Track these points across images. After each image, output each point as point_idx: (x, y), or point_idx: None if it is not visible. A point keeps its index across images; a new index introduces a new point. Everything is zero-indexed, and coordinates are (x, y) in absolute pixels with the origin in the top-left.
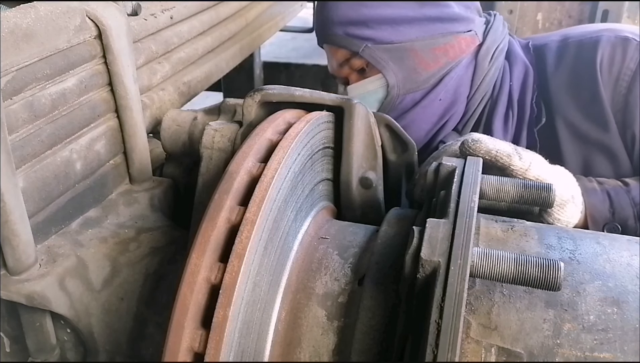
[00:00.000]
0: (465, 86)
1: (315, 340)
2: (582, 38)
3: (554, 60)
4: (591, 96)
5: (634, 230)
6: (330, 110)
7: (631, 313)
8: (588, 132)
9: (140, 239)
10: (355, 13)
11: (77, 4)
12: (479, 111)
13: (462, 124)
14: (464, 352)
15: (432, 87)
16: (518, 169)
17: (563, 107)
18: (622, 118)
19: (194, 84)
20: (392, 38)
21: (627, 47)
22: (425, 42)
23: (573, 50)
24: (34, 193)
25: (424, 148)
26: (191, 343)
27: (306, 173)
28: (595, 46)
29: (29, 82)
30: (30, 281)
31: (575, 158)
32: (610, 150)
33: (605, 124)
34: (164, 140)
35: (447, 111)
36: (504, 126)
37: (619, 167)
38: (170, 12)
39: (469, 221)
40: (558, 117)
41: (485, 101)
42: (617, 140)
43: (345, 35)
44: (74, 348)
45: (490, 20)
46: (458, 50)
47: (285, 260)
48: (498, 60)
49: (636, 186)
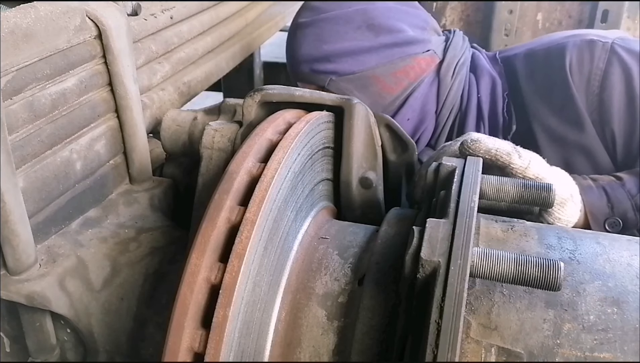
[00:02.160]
0: (432, 103)
1: (315, 340)
2: (549, 46)
3: (524, 69)
4: (564, 99)
5: (634, 222)
6: (330, 110)
7: (631, 313)
8: (565, 134)
9: (140, 239)
10: (317, 50)
11: (77, 4)
12: (449, 124)
13: (434, 139)
14: (464, 352)
15: (398, 109)
16: (518, 167)
17: (538, 113)
18: (599, 117)
19: (194, 84)
20: (353, 69)
21: (593, 49)
22: (385, 68)
23: (542, 58)
24: (34, 193)
25: None
26: (191, 343)
27: (306, 173)
28: (562, 52)
29: (29, 82)
30: (30, 281)
31: (556, 160)
32: (588, 150)
33: (581, 125)
34: (164, 140)
35: (417, 129)
36: None
37: (598, 165)
38: (170, 12)
39: (469, 221)
40: (535, 123)
41: (454, 114)
42: (595, 139)
43: (311, 72)
44: (74, 348)
45: (449, 37)
46: (418, 70)
47: (285, 260)
48: (461, 73)
49: (629, 179)
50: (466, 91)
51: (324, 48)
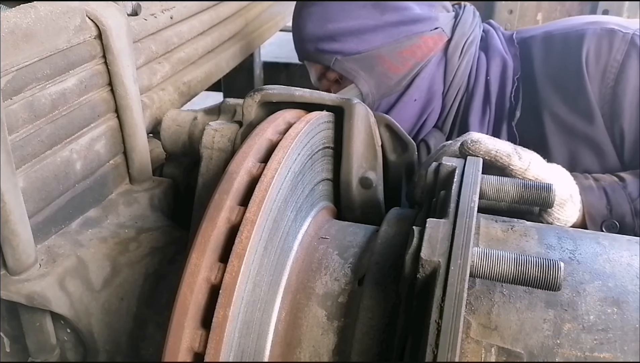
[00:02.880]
0: (439, 83)
1: (315, 340)
2: (568, 31)
3: (540, 52)
4: (577, 89)
5: (632, 226)
6: (330, 110)
7: (631, 313)
8: (574, 125)
9: (140, 239)
10: (322, 29)
11: (77, 4)
12: (455, 105)
13: (440, 120)
14: (464, 352)
15: (405, 89)
16: (517, 169)
17: (549, 100)
18: (610, 111)
19: (194, 84)
20: (359, 48)
21: (613, 39)
22: (391, 47)
23: (559, 43)
24: (34, 193)
25: None
26: (191, 343)
27: (306, 173)
28: (581, 40)
29: (29, 82)
30: (30, 281)
31: (562, 151)
32: (596, 143)
33: (591, 117)
34: (164, 140)
35: (424, 110)
36: (481, 120)
37: (605, 160)
38: (170, 12)
39: (469, 221)
40: (544, 110)
41: (460, 95)
42: (603, 133)
43: (316, 51)
44: (74, 348)
45: (459, 13)
46: (425, 49)
47: (285, 260)
48: (469, 53)
49: (632, 181)
50: (474, 71)
51: (328, 27)
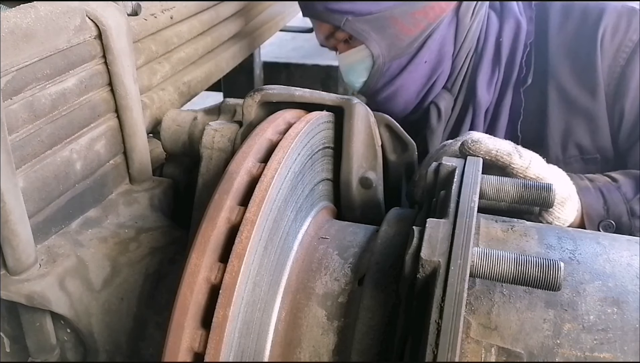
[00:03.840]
0: (449, 44)
1: (315, 340)
2: (589, 3)
3: (557, 19)
4: (587, 63)
5: (628, 226)
6: (330, 110)
7: (631, 313)
8: (577, 98)
9: (140, 239)
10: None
11: (77, 4)
12: (465, 67)
13: (450, 82)
14: (464, 352)
15: (416, 51)
16: (519, 167)
17: (557, 70)
18: (615, 90)
19: (194, 84)
20: (370, 9)
21: (632, 18)
22: (403, 8)
23: (578, 14)
24: (34, 193)
25: (415, 109)
26: (191, 343)
27: (306, 173)
28: (600, 14)
29: (29, 82)
30: (30, 281)
31: (559, 121)
32: (594, 119)
33: (595, 92)
34: (164, 140)
35: (434, 71)
36: (489, 82)
37: (598, 136)
38: (170, 12)
39: (469, 221)
40: (551, 80)
41: (470, 56)
42: (603, 110)
43: (326, 10)
44: (74, 348)
45: None
46: (438, 10)
47: (285, 260)
48: (480, 13)
49: (625, 181)
50: (484, 32)
51: None
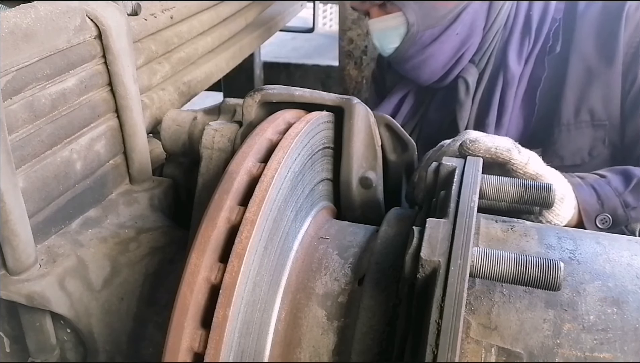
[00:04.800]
0: (481, 19)
1: (315, 340)
2: None
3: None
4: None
5: (624, 218)
6: (330, 110)
7: (631, 313)
8: (595, 66)
9: (140, 239)
10: None
11: (77, 4)
12: (494, 42)
13: (478, 56)
14: (464, 352)
15: (450, 23)
16: (518, 162)
17: (582, 42)
18: (632, 58)
19: (194, 84)
20: None
21: None
22: None
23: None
24: (34, 193)
25: (440, 80)
26: (191, 343)
27: (306, 173)
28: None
29: (29, 82)
30: (30, 281)
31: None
32: (609, 87)
33: (613, 59)
34: (164, 140)
35: (464, 44)
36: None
37: (610, 102)
38: (170, 12)
39: (469, 221)
40: (574, 50)
41: (499, 32)
42: (617, 78)
43: None
44: (74, 348)
45: None
46: None
47: (285, 260)
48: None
49: (613, 176)
50: (514, 9)
51: None
